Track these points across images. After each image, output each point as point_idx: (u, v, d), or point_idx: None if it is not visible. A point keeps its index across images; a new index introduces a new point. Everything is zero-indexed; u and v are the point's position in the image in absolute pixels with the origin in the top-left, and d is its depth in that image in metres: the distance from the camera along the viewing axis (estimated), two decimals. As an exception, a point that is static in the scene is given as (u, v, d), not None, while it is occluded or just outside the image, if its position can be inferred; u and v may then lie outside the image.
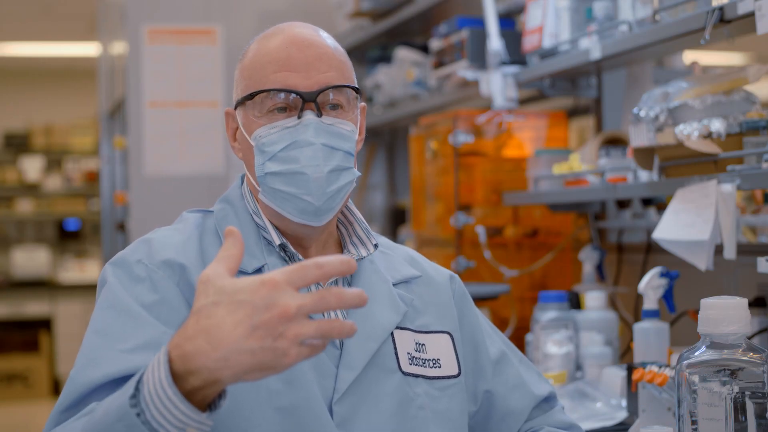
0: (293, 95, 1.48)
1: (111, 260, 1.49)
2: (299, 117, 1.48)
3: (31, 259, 9.02)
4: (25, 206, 9.22)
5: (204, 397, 1.14)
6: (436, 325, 1.58)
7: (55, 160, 9.37)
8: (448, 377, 1.55)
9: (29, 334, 8.71)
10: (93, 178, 9.00)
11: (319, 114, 1.48)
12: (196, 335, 1.12)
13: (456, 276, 1.69)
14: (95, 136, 8.65)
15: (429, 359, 1.54)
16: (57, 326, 8.68)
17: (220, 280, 1.13)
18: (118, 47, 4.84)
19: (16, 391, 8.40)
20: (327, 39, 1.55)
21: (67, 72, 9.61)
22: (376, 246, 1.58)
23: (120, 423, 1.15)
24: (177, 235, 1.51)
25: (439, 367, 1.54)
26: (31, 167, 9.24)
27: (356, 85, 1.55)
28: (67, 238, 9.45)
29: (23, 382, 8.46)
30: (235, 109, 1.55)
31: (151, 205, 4.36)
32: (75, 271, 9.11)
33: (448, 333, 1.59)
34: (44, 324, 8.73)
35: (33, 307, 8.81)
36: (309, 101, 1.48)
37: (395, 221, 4.57)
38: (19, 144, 9.31)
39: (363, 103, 1.58)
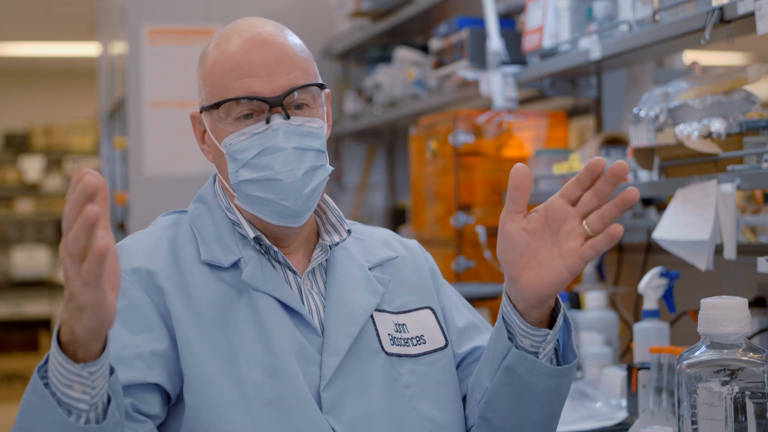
0: (258, 102, 1.48)
1: None
2: (267, 122, 1.47)
3: (31, 259, 9.02)
4: (25, 206, 9.22)
5: (84, 355, 1.19)
6: (416, 302, 1.59)
7: (55, 160, 9.37)
8: (436, 350, 1.55)
9: (29, 334, 8.72)
10: (93, 178, 8.99)
11: (287, 116, 1.48)
12: None
13: (423, 248, 1.70)
14: (95, 136, 8.65)
15: (411, 338, 1.54)
16: (57, 326, 8.69)
17: None
18: (118, 47, 4.84)
19: (16, 391, 8.40)
20: (288, 36, 1.53)
21: (67, 72, 9.62)
22: (349, 232, 1.58)
23: (33, 393, 1.21)
24: (147, 239, 1.53)
25: (424, 343, 1.55)
26: (31, 167, 9.25)
27: (320, 81, 1.54)
28: (67, 238, 9.45)
29: (23, 382, 8.46)
30: (201, 113, 1.55)
31: (151, 205, 4.35)
32: (75, 271, 9.11)
33: (429, 308, 1.60)
34: (44, 324, 8.74)
35: (33, 307, 8.82)
36: (275, 106, 1.47)
37: (395, 221, 4.57)
38: (19, 144, 9.32)
39: (327, 90, 1.57)
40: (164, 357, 1.42)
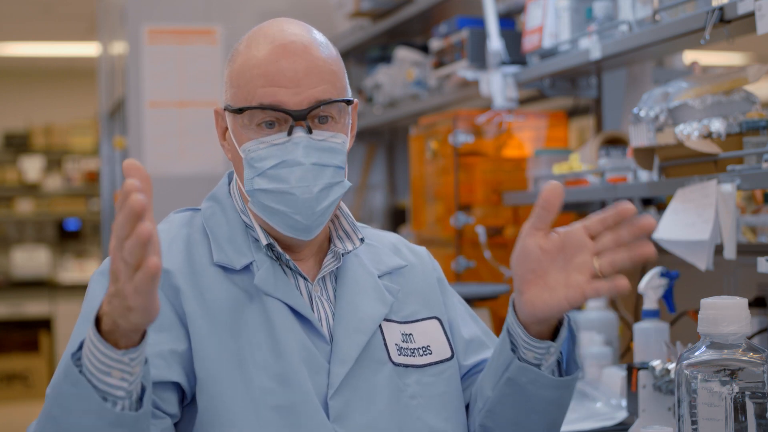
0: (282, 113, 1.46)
1: (99, 267, 1.51)
2: (289, 134, 1.46)
3: (31, 259, 9.01)
4: (25, 206, 9.21)
5: (126, 343, 1.21)
6: (423, 312, 1.59)
7: (55, 160, 9.36)
8: (442, 361, 1.55)
9: (29, 334, 8.71)
10: (93, 178, 9.00)
11: (309, 131, 1.46)
12: None
13: (431, 255, 1.70)
14: (95, 136, 8.64)
15: (418, 348, 1.54)
16: (57, 326, 8.68)
17: None
18: (118, 47, 4.84)
19: (16, 391, 8.40)
20: (320, 45, 1.50)
21: (67, 72, 9.61)
22: (362, 240, 1.58)
23: (66, 381, 1.22)
24: (163, 237, 1.50)
25: (430, 354, 1.54)
26: (31, 167, 9.24)
27: (348, 97, 1.52)
28: (67, 238, 9.45)
29: (23, 382, 8.46)
30: (225, 110, 1.54)
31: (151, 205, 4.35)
32: (75, 271, 9.11)
33: (436, 318, 1.59)
34: (44, 324, 8.73)
35: (33, 307, 8.80)
36: (298, 119, 1.45)
37: (395, 221, 4.57)
38: (19, 144, 9.31)
39: (355, 100, 1.55)
40: (182, 357, 1.42)
